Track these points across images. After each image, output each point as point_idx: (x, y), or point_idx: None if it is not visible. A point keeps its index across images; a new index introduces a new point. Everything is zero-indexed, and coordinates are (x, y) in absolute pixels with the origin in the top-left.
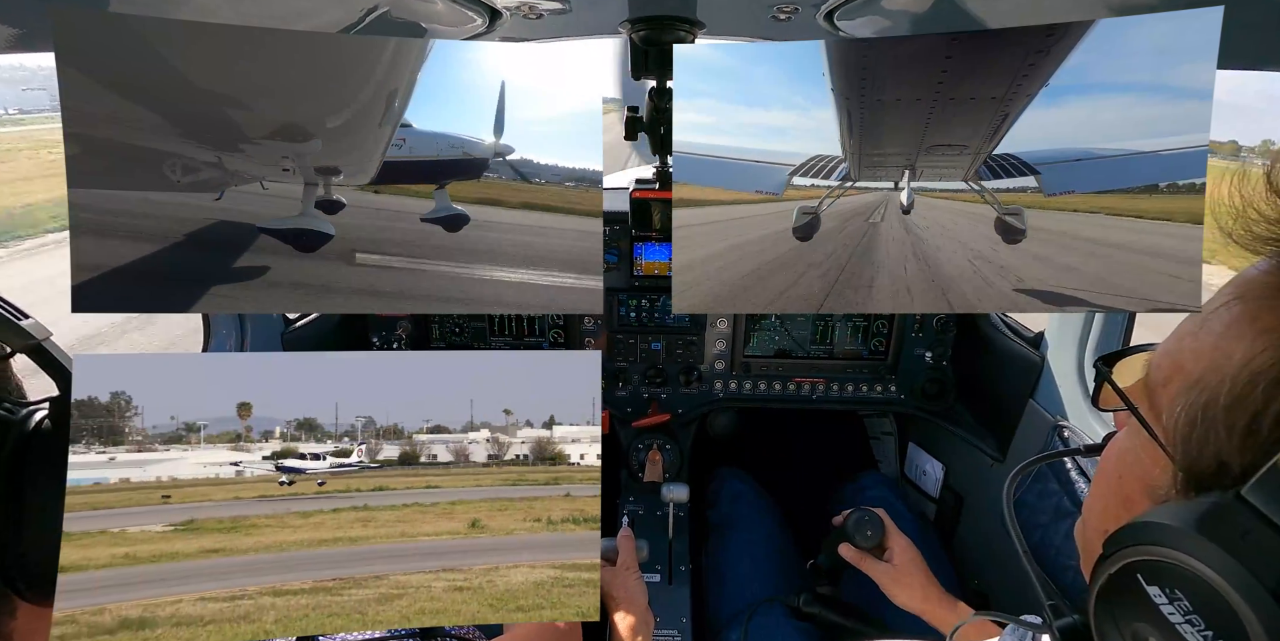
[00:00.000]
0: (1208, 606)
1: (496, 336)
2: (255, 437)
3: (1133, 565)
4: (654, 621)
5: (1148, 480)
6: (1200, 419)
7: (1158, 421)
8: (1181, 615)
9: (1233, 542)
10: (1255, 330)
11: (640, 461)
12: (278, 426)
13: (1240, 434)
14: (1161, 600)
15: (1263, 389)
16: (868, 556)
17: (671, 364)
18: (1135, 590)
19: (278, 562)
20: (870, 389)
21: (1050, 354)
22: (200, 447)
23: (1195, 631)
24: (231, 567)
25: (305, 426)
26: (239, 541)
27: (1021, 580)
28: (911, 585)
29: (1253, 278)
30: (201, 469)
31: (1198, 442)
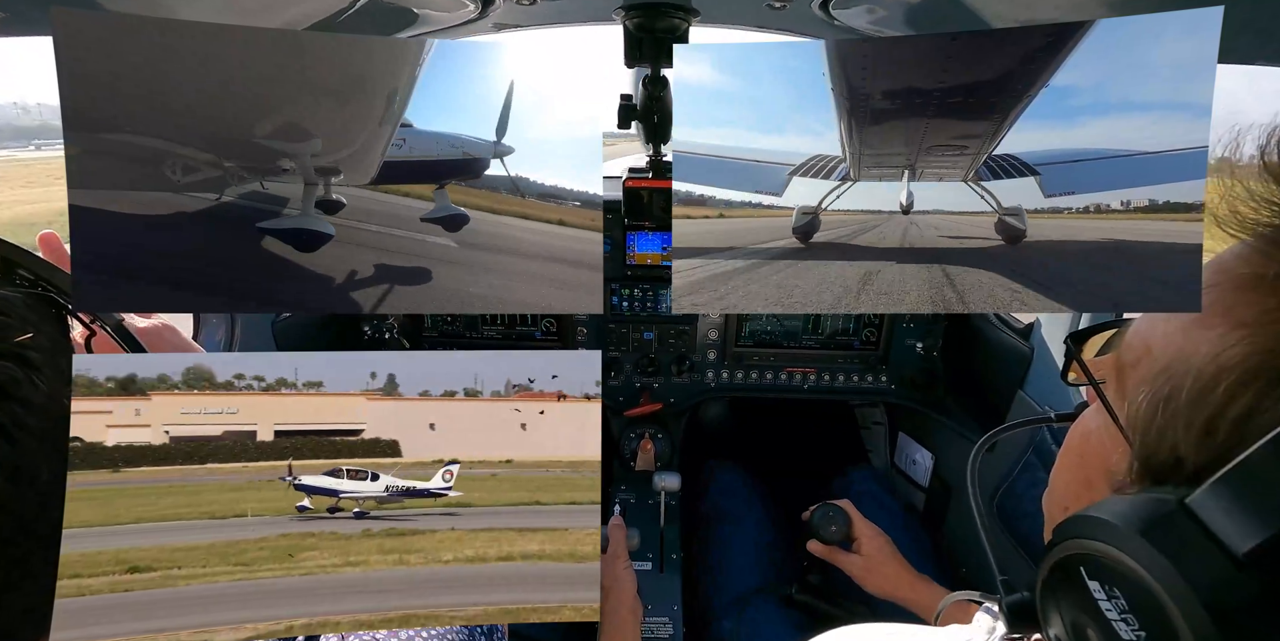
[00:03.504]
0: (1143, 608)
1: (489, 325)
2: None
3: (1076, 557)
4: (643, 609)
5: (1107, 462)
6: (1161, 410)
7: (1121, 402)
8: (1118, 612)
9: (1173, 550)
10: (1228, 322)
11: (632, 450)
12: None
13: (1198, 431)
14: (1100, 595)
15: (1225, 387)
16: (836, 549)
17: (664, 353)
18: (1078, 581)
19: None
20: (861, 379)
21: (1041, 344)
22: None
23: (1130, 629)
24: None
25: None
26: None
27: (1009, 567)
28: (884, 574)
29: (1231, 265)
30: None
31: (1156, 433)
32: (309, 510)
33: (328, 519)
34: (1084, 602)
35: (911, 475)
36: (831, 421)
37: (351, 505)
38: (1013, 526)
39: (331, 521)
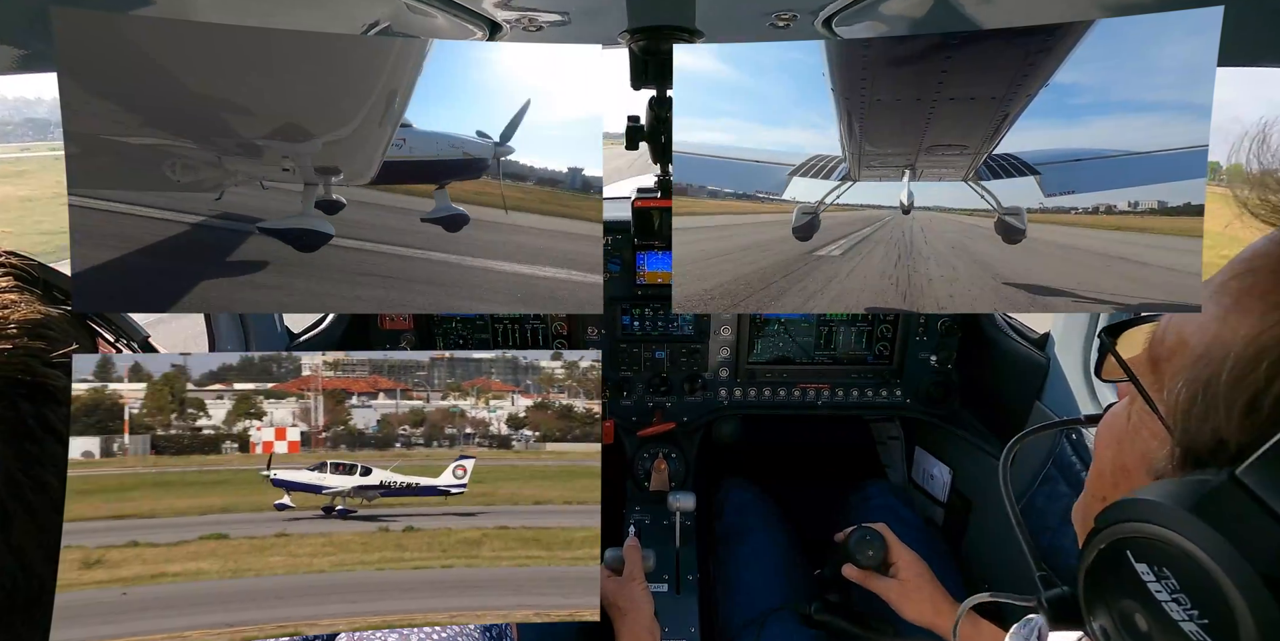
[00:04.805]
0: (1196, 586)
1: (501, 346)
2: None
3: (1122, 541)
4: (660, 631)
5: (1146, 452)
6: (1201, 395)
7: (1159, 394)
8: (1169, 593)
9: (1225, 523)
10: (1265, 305)
11: (646, 470)
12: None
13: (1240, 412)
14: (1149, 577)
15: (1267, 366)
16: (872, 574)
17: (676, 372)
18: (1124, 566)
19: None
20: (875, 393)
21: (1056, 355)
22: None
23: (1181, 609)
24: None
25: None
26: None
27: (1031, 583)
28: (920, 600)
29: (1265, 250)
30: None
31: (1197, 418)
32: (289, 508)
33: (316, 518)
34: (1131, 587)
35: (929, 490)
36: (847, 437)
37: (335, 501)
38: (1035, 541)
39: (320, 521)
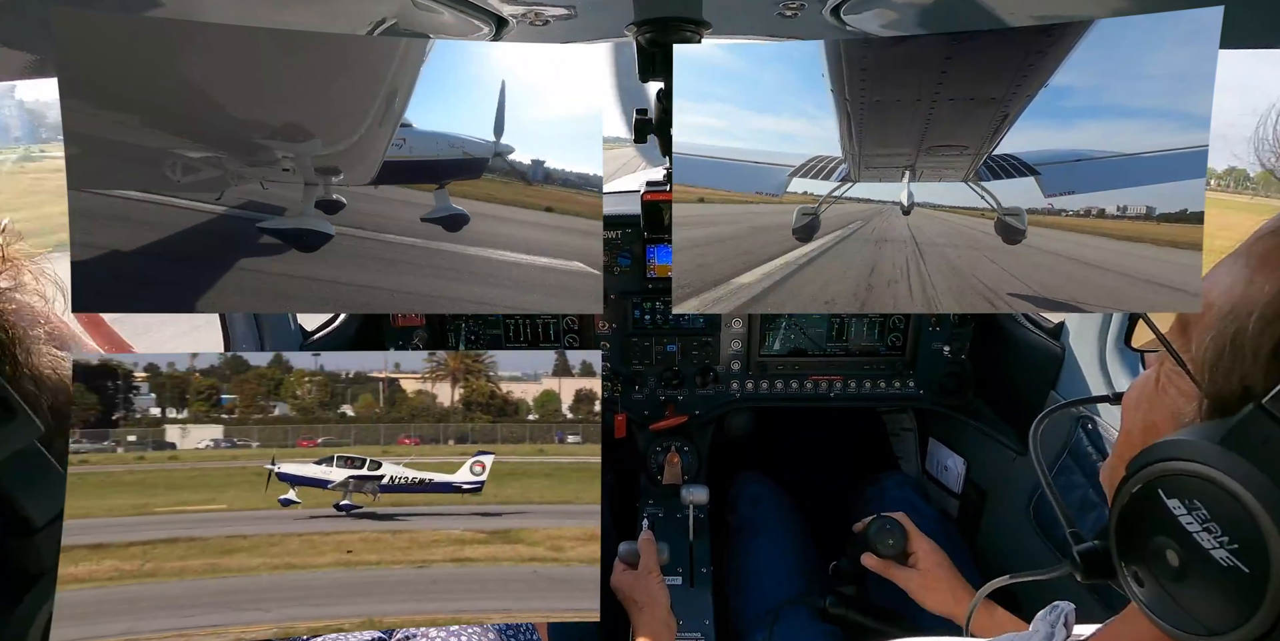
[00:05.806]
0: (1225, 513)
1: (512, 342)
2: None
3: (1153, 482)
4: (676, 624)
5: (1174, 409)
6: (1229, 347)
7: (1187, 354)
8: (1200, 524)
9: (1252, 449)
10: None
11: (659, 464)
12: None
13: (1266, 357)
14: (1180, 511)
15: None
16: (892, 564)
17: (687, 365)
18: (1156, 505)
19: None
20: (888, 385)
21: (1071, 344)
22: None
23: (1211, 537)
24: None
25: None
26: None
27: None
28: (940, 589)
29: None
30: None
31: (1224, 369)
32: (295, 504)
33: (321, 517)
34: (1163, 524)
35: (944, 481)
36: (860, 429)
37: (344, 497)
38: (1050, 532)
39: (323, 520)
